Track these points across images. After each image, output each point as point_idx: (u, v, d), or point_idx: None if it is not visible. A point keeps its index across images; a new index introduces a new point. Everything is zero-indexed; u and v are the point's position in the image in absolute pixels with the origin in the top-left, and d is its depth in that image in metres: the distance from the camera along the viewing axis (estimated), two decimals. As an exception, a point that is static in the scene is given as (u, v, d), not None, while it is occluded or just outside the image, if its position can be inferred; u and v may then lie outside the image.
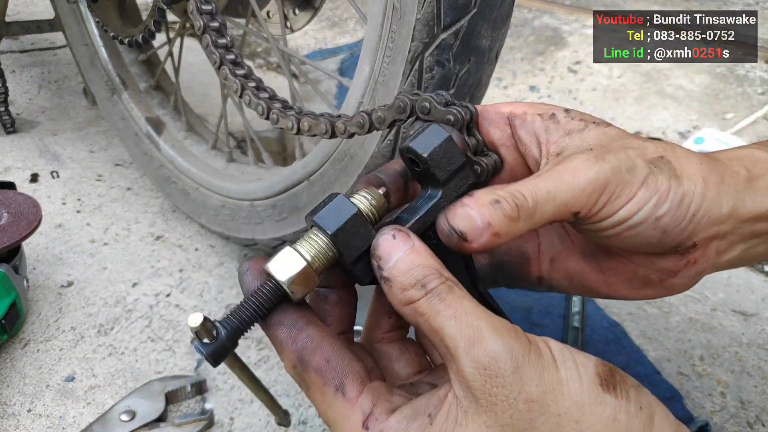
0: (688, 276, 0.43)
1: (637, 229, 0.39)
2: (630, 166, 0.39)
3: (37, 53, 2.05)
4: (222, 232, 1.16)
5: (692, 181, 0.39)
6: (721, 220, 0.40)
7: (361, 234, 0.37)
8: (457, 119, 0.42)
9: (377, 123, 0.50)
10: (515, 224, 0.37)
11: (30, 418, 0.84)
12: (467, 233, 0.37)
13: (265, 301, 0.37)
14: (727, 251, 0.43)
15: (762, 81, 1.99)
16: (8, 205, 0.99)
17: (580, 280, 0.47)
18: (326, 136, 0.61)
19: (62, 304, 1.05)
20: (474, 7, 0.66)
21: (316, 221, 0.37)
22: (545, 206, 0.38)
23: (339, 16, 2.81)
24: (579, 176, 0.38)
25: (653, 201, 0.38)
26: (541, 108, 0.43)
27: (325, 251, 0.37)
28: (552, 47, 2.36)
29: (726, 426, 0.90)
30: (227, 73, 0.77)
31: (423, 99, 0.43)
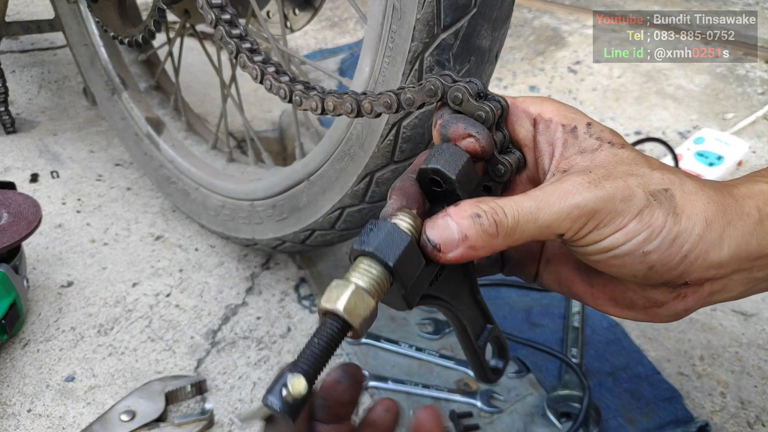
0: (674, 309, 0.43)
1: (623, 260, 0.39)
2: (627, 195, 0.38)
3: (37, 53, 2.05)
4: (222, 232, 1.16)
5: (692, 221, 0.38)
6: (720, 264, 0.39)
7: (414, 262, 0.37)
8: (488, 116, 0.41)
9: (406, 104, 0.48)
10: (493, 240, 0.37)
11: (30, 418, 0.84)
12: (441, 245, 0.37)
13: (331, 343, 0.35)
14: (723, 291, 0.42)
15: (762, 81, 1.98)
16: (8, 205, 0.99)
17: (569, 287, 0.47)
18: (352, 116, 0.58)
19: (62, 304, 1.05)
20: (474, 7, 0.66)
21: (376, 253, 0.36)
22: (526, 226, 0.38)
23: (339, 16, 2.81)
24: (567, 200, 0.38)
25: (643, 235, 0.38)
26: (567, 116, 0.43)
27: (383, 282, 0.36)
28: (552, 47, 2.36)
29: (726, 426, 0.90)
30: (245, 60, 0.76)
31: (455, 89, 0.42)
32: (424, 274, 0.38)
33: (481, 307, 0.47)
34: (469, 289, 0.45)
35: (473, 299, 0.46)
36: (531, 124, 0.44)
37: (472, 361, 0.49)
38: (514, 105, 0.44)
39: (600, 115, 1.96)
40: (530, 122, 0.44)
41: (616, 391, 0.94)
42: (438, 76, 0.44)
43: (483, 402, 0.90)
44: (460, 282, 0.44)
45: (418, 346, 1.00)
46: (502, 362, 0.52)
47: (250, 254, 1.22)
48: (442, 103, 0.44)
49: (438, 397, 0.91)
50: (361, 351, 0.99)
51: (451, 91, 0.43)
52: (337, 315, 0.35)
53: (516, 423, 0.88)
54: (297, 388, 0.33)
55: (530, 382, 0.95)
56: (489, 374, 0.51)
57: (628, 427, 0.88)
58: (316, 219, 0.93)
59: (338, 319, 0.35)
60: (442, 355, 0.99)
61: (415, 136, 0.76)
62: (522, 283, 1.16)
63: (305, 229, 0.97)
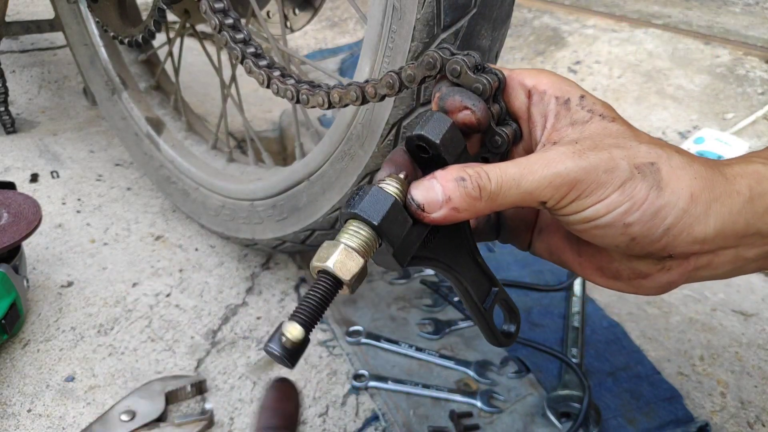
0: (658, 281, 0.43)
1: (605, 230, 0.40)
2: (610, 167, 0.38)
3: (37, 53, 2.05)
4: (222, 232, 1.16)
5: (676, 195, 0.39)
6: (705, 239, 0.40)
7: (400, 220, 0.39)
8: (485, 88, 0.42)
9: (407, 81, 0.49)
10: (476, 203, 0.39)
11: (30, 418, 0.84)
12: (425, 204, 0.39)
13: (325, 297, 0.38)
14: (709, 267, 0.42)
15: (762, 81, 1.99)
16: (8, 205, 0.99)
17: (558, 255, 0.48)
18: (357, 103, 0.59)
19: (62, 304, 1.05)
20: (474, 7, 0.66)
21: (360, 213, 0.38)
22: (509, 191, 0.39)
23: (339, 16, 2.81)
24: (550, 168, 0.38)
25: (624, 207, 0.38)
26: (561, 88, 0.43)
27: (372, 242, 0.38)
28: (552, 47, 2.36)
29: (726, 426, 0.90)
30: (251, 65, 0.77)
31: (453, 61, 0.43)
32: (412, 235, 0.40)
33: (483, 269, 0.48)
34: (468, 251, 0.46)
35: (474, 262, 0.47)
36: (526, 96, 0.44)
37: (481, 325, 0.50)
38: (510, 77, 0.45)
39: (600, 115, 1.96)
40: (525, 94, 0.44)
41: (616, 391, 0.94)
42: (436, 50, 0.45)
43: (483, 402, 0.90)
44: (457, 244, 0.45)
45: (418, 346, 1.00)
46: (513, 326, 0.53)
47: (250, 254, 1.22)
48: (441, 76, 0.45)
49: (438, 397, 0.91)
50: (361, 351, 0.99)
51: (449, 64, 0.44)
52: (327, 272, 0.37)
53: (516, 423, 0.88)
54: (294, 334, 0.35)
55: (530, 382, 0.95)
56: (500, 337, 0.51)
57: (628, 427, 0.88)
58: (316, 219, 0.93)
59: (329, 276, 0.37)
60: (442, 355, 0.99)
61: (415, 136, 0.76)
62: (522, 283, 1.16)
63: (305, 229, 0.97)
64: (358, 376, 0.94)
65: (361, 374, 0.94)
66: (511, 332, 0.53)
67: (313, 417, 0.88)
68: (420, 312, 1.09)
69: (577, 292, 1.13)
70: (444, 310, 1.09)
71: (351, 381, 0.94)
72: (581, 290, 1.14)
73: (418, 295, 1.13)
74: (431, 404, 0.90)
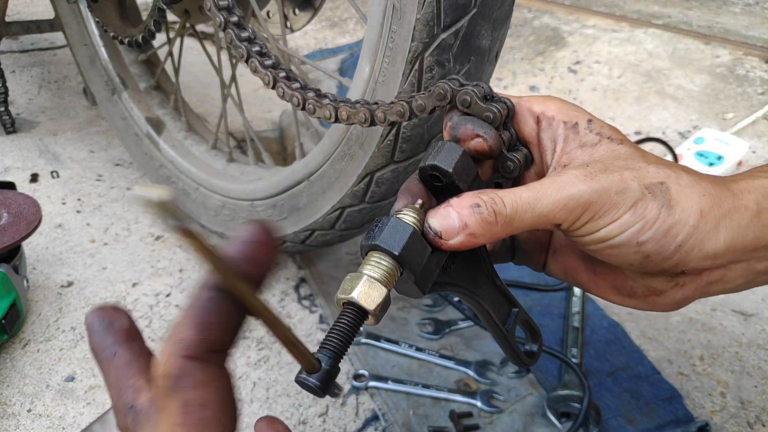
0: (673, 298, 0.44)
1: (619, 249, 0.41)
2: (622, 188, 0.40)
3: (37, 53, 2.05)
4: (222, 232, 1.16)
5: (686, 213, 0.40)
6: (716, 254, 0.41)
7: (419, 250, 0.40)
8: (495, 117, 0.44)
9: (418, 111, 0.50)
10: (492, 228, 0.40)
11: (30, 418, 0.84)
12: (442, 232, 0.40)
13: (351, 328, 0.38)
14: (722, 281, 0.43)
15: (762, 81, 1.98)
16: (8, 205, 0.99)
17: (574, 275, 0.49)
18: (365, 125, 0.60)
19: (62, 304, 1.05)
20: (474, 7, 0.66)
21: (380, 245, 0.39)
22: (524, 215, 0.40)
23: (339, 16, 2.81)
24: (563, 191, 0.40)
25: (637, 226, 0.39)
26: (569, 114, 0.45)
27: (393, 271, 0.39)
28: (552, 47, 2.36)
29: (726, 426, 0.90)
30: (257, 65, 0.76)
31: (464, 92, 0.45)
32: (432, 262, 0.41)
33: (503, 291, 0.49)
34: (486, 275, 0.47)
35: (492, 284, 0.48)
36: (535, 122, 0.46)
37: (503, 346, 0.51)
38: (519, 104, 0.46)
39: (600, 115, 1.96)
40: (534, 120, 0.46)
41: (616, 391, 0.94)
42: (446, 81, 0.46)
43: (483, 402, 0.90)
44: (475, 269, 0.46)
45: (418, 346, 1.00)
46: (535, 345, 0.53)
47: (250, 254, 1.22)
48: (452, 106, 0.47)
49: (438, 397, 0.91)
50: (361, 351, 0.99)
51: (459, 95, 0.45)
52: (352, 303, 0.38)
53: (516, 423, 0.88)
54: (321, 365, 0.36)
55: (530, 382, 0.95)
56: (523, 357, 0.52)
57: (628, 427, 0.88)
58: (316, 219, 0.93)
59: (354, 307, 0.38)
60: (442, 355, 0.99)
61: (415, 136, 0.76)
62: (522, 283, 1.16)
63: (305, 229, 0.97)
64: (358, 376, 0.94)
65: (361, 374, 0.94)
66: (533, 351, 0.54)
67: (313, 417, 0.88)
68: (420, 312, 1.09)
69: (577, 292, 1.13)
70: (444, 310, 1.09)
71: (351, 381, 0.94)
72: (581, 290, 1.14)
73: (418, 295, 1.13)
74: (431, 404, 0.90)
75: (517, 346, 0.51)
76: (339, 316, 0.39)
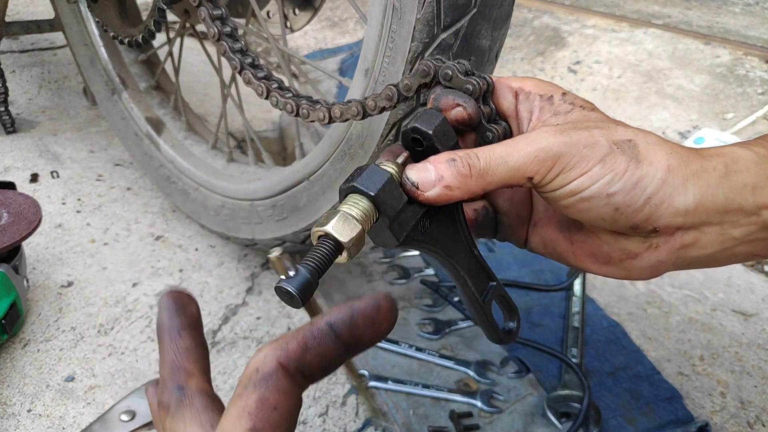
0: (648, 261, 0.45)
1: (590, 202, 0.42)
2: (591, 142, 0.42)
3: (37, 53, 2.05)
4: (222, 232, 1.16)
5: (654, 167, 0.41)
6: (686, 210, 0.42)
7: (395, 195, 0.41)
8: (475, 89, 0.47)
9: (404, 91, 0.53)
10: (467, 180, 0.42)
11: (30, 418, 0.84)
12: (419, 183, 0.42)
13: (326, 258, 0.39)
14: (696, 246, 0.44)
15: (762, 81, 1.99)
16: (8, 205, 0.99)
17: (553, 247, 0.51)
18: (358, 118, 0.62)
19: (62, 304, 1.05)
20: (474, 7, 0.66)
21: (358, 186, 0.41)
22: (497, 168, 0.42)
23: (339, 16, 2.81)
24: (534, 144, 0.42)
25: (607, 178, 0.41)
26: (545, 88, 0.47)
27: (369, 212, 0.41)
28: (552, 47, 2.36)
29: (726, 426, 0.90)
30: (250, 77, 0.79)
31: (446, 66, 0.48)
32: (407, 212, 0.43)
33: (480, 263, 0.50)
34: (464, 242, 0.48)
35: (470, 254, 0.49)
36: (513, 97, 0.48)
37: (481, 320, 0.52)
38: (498, 82, 0.49)
39: (600, 115, 1.96)
40: (512, 95, 0.48)
41: (616, 391, 0.94)
42: (430, 59, 0.49)
43: (483, 402, 0.90)
44: (453, 233, 0.47)
45: (418, 346, 1.00)
46: (513, 323, 0.54)
47: (250, 254, 1.22)
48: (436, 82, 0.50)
49: (438, 397, 0.91)
50: (361, 351, 0.99)
51: (441, 69, 0.48)
52: (327, 235, 0.39)
53: (516, 423, 0.88)
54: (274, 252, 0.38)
55: (530, 382, 0.95)
56: (500, 333, 0.53)
57: (628, 427, 0.88)
58: (316, 219, 0.93)
59: (329, 240, 0.39)
60: (442, 355, 0.99)
61: (415, 136, 0.76)
62: (522, 283, 1.16)
63: (305, 229, 0.97)
64: (358, 376, 0.94)
65: (361, 374, 0.94)
66: (511, 329, 0.54)
67: (313, 417, 0.88)
68: (420, 312, 1.09)
69: (577, 292, 1.13)
70: (444, 310, 1.09)
71: (351, 381, 0.94)
72: (581, 290, 1.14)
73: (418, 295, 1.13)
74: (431, 404, 0.90)
75: (493, 319, 0.52)
76: (313, 247, 0.39)
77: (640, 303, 1.15)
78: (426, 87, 0.51)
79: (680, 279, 1.22)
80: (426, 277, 1.17)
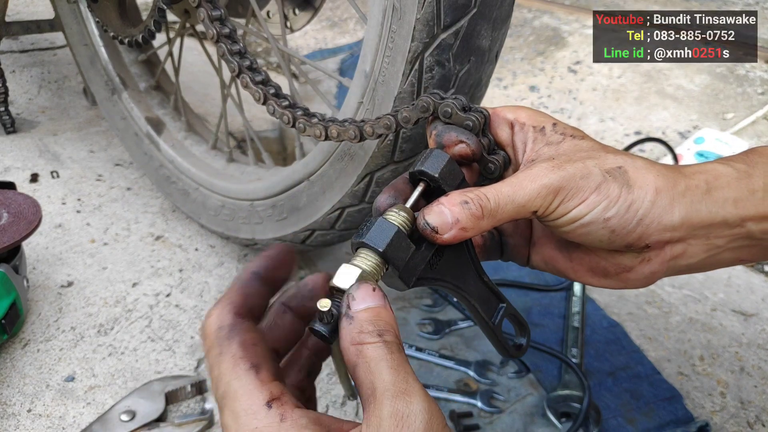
0: (641, 273, 0.49)
1: (589, 227, 0.46)
2: (585, 174, 0.45)
3: (37, 53, 2.05)
4: (222, 232, 1.16)
5: (643, 190, 0.45)
6: (673, 226, 0.46)
7: (403, 247, 0.44)
8: (475, 125, 0.50)
9: (403, 122, 0.56)
10: (479, 221, 0.45)
11: (30, 418, 0.84)
12: (438, 227, 0.44)
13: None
14: (684, 256, 0.48)
15: (762, 81, 1.99)
16: (8, 205, 0.99)
17: (553, 264, 0.54)
18: (355, 141, 0.65)
19: (62, 304, 1.05)
20: (474, 7, 0.66)
21: (367, 242, 0.43)
22: (506, 207, 0.45)
23: (339, 16, 2.81)
24: (536, 182, 0.45)
25: (603, 205, 0.45)
26: (537, 119, 0.51)
27: (379, 266, 0.43)
28: (552, 47, 2.36)
29: (726, 426, 0.90)
30: (248, 81, 0.80)
31: (445, 105, 0.51)
32: (416, 258, 0.45)
33: (490, 287, 0.52)
34: (474, 271, 0.50)
35: (479, 280, 0.51)
36: (509, 128, 0.52)
37: (491, 339, 0.55)
38: (494, 113, 0.52)
39: (600, 115, 1.96)
40: (509, 127, 0.52)
41: (616, 391, 0.94)
42: (428, 95, 0.52)
43: (483, 402, 0.90)
44: (462, 264, 0.49)
45: (418, 346, 1.00)
46: (523, 339, 0.58)
47: (250, 254, 1.22)
48: (434, 116, 0.52)
49: (438, 397, 0.91)
50: (361, 351, 0.99)
51: (441, 107, 0.51)
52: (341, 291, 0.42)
53: (516, 423, 0.88)
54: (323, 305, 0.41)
55: (530, 382, 0.95)
56: (510, 349, 0.56)
57: (628, 427, 0.88)
58: (316, 219, 0.93)
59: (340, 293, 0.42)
60: (442, 355, 0.99)
61: (415, 136, 0.76)
62: (522, 283, 1.16)
63: (305, 229, 0.97)
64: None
65: (361, 374, 0.94)
66: (521, 345, 0.57)
67: (313, 417, 0.88)
68: (420, 312, 1.09)
69: (576, 292, 1.13)
70: (444, 310, 1.09)
71: (351, 380, 0.93)
72: (581, 290, 1.14)
73: (418, 295, 1.13)
74: (431, 404, 0.90)
75: (503, 338, 0.55)
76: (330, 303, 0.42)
77: (640, 303, 1.15)
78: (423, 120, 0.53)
79: (680, 279, 1.22)
80: (426, 277, 1.17)
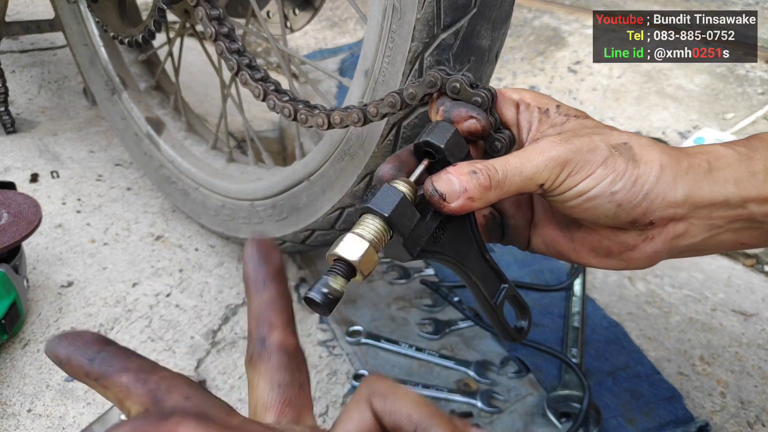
0: (644, 252, 0.49)
1: (595, 201, 0.46)
2: (592, 147, 0.46)
3: (37, 53, 2.05)
4: (222, 232, 1.16)
5: (649, 166, 0.46)
6: (676, 203, 0.46)
7: (408, 214, 0.43)
8: (483, 101, 0.49)
9: (409, 99, 0.54)
10: (487, 192, 0.45)
11: (30, 418, 0.84)
12: (446, 194, 0.44)
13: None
14: (686, 235, 0.48)
15: (762, 81, 1.98)
16: (8, 205, 0.99)
17: (554, 246, 0.54)
18: (359, 125, 0.63)
19: (62, 304, 1.05)
20: (474, 7, 0.66)
21: (372, 207, 0.42)
22: (513, 178, 0.45)
23: (339, 16, 2.81)
24: (544, 154, 0.45)
25: (609, 178, 0.45)
26: (542, 101, 0.51)
27: (383, 233, 0.42)
28: (552, 47, 2.36)
29: (726, 426, 0.90)
30: (247, 78, 0.79)
31: (453, 80, 0.50)
32: (421, 228, 0.44)
33: (492, 266, 0.52)
34: (475, 248, 0.50)
35: (482, 258, 0.51)
36: (515, 108, 0.52)
37: (492, 320, 0.54)
38: (500, 93, 0.52)
39: (600, 114, 1.96)
40: (514, 106, 0.52)
41: (616, 391, 0.94)
42: (436, 70, 0.51)
43: (483, 402, 0.90)
44: (465, 240, 0.49)
45: (418, 346, 1.00)
46: (524, 322, 0.57)
47: (250, 254, 1.22)
48: (440, 93, 0.51)
49: (438, 397, 0.91)
50: (361, 351, 0.99)
51: (449, 82, 0.50)
52: (342, 259, 0.41)
53: (516, 423, 0.88)
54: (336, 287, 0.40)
55: (530, 382, 0.95)
56: (512, 332, 0.56)
57: (628, 427, 0.88)
58: (316, 219, 0.93)
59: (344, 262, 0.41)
60: (442, 355, 0.99)
61: (415, 135, 0.76)
62: (522, 283, 1.16)
63: (305, 229, 0.97)
64: (358, 376, 0.94)
65: (361, 374, 0.94)
66: (522, 327, 0.57)
67: (313, 417, 0.88)
68: (420, 312, 1.09)
69: (577, 292, 1.13)
70: (444, 310, 1.09)
71: (351, 381, 0.94)
72: (581, 290, 1.14)
73: (418, 295, 1.13)
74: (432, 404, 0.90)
75: (505, 320, 0.54)
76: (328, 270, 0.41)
77: (640, 303, 1.15)
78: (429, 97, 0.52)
79: (680, 279, 1.22)
80: (426, 277, 1.17)
